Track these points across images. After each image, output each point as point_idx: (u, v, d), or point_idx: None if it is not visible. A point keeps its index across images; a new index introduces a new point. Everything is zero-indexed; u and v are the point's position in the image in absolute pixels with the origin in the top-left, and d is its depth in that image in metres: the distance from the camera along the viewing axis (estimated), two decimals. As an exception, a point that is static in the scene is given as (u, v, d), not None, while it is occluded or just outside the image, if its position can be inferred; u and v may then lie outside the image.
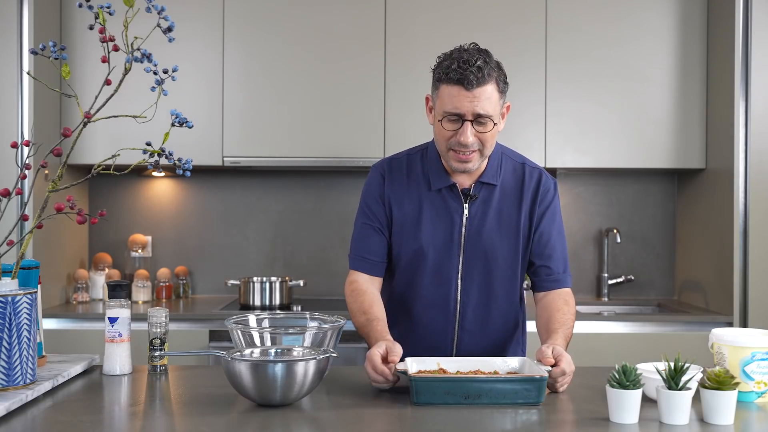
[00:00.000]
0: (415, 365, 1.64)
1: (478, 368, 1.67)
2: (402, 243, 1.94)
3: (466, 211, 1.91)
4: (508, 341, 2.02)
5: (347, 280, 1.99)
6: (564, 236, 2.02)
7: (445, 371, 1.65)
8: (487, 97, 1.77)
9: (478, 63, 1.77)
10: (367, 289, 1.93)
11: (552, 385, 1.64)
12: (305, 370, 1.45)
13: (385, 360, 1.64)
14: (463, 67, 1.76)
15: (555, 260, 1.97)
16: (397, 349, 1.65)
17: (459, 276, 1.92)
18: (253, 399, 1.48)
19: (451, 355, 1.95)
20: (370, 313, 1.85)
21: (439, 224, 1.91)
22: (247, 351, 1.60)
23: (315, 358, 1.47)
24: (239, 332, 1.71)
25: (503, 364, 1.68)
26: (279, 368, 1.44)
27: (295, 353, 1.59)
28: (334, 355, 1.54)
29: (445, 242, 1.91)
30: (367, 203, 1.98)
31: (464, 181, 1.92)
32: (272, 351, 1.60)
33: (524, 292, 2.08)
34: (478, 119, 1.78)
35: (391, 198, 1.95)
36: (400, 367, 1.61)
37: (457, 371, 1.65)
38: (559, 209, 2.00)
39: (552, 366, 1.63)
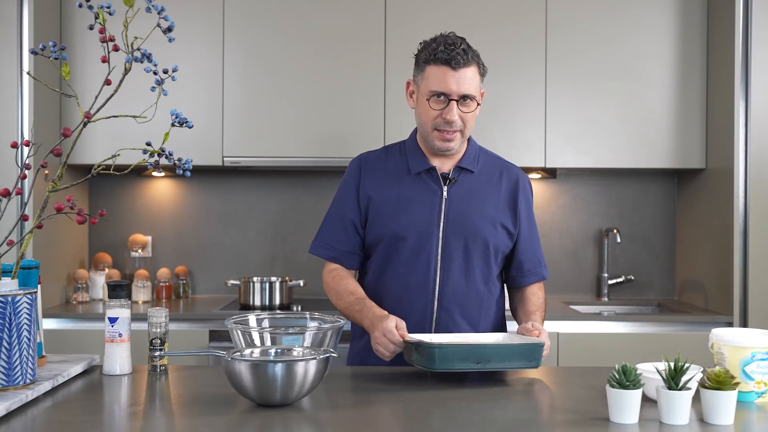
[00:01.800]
0: (422, 339, 1.77)
1: (477, 340, 1.84)
2: (381, 226, 2.00)
3: (445, 193, 1.98)
4: (482, 324, 2.04)
5: (326, 269, 2.07)
6: (538, 234, 2.13)
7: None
8: (470, 78, 1.91)
9: (463, 46, 1.91)
10: (350, 275, 2.05)
11: None
12: (305, 370, 1.45)
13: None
14: (450, 48, 1.89)
15: (537, 256, 2.09)
16: (402, 324, 1.80)
17: (438, 256, 1.96)
18: (253, 399, 1.48)
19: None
20: (357, 293, 1.97)
21: (418, 206, 1.98)
22: (247, 351, 1.60)
23: (315, 358, 1.47)
24: (239, 332, 1.71)
25: (495, 337, 1.88)
26: (279, 368, 1.44)
27: (295, 353, 1.59)
28: (334, 355, 1.54)
29: (425, 223, 1.97)
30: (342, 195, 2.06)
31: (443, 166, 2.01)
32: (272, 351, 1.61)
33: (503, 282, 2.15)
34: (462, 99, 1.90)
35: (368, 187, 2.02)
36: (414, 338, 1.76)
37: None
38: (532, 206, 2.12)
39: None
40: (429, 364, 1.67)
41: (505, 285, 2.14)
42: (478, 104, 1.94)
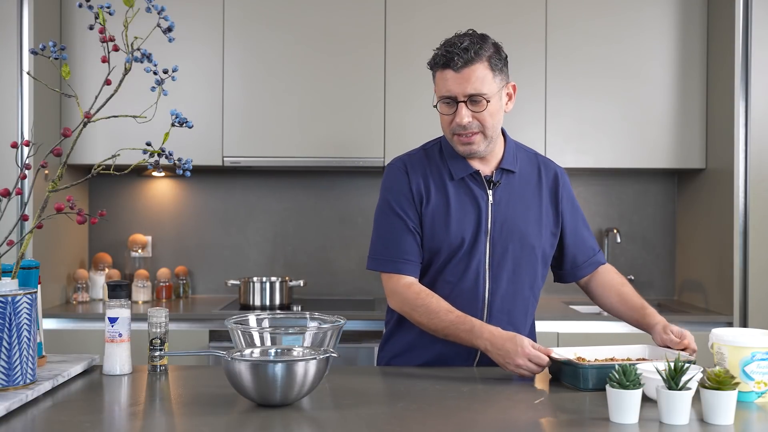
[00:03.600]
0: (557, 356, 1.73)
1: (613, 356, 1.77)
2: (434, 235, 1.91)
3: (490, 198, 1.92)
4: (523, 330, 1.99)
5: (399, 282, 1.90)
6: (585, 220, 2.09)
7: (583, 359, 1.73)
8: (477, 77, 1.81)
9: (464, 44, 1.82)
10: (430, 290, 1.90)
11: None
12: (305, 370, 1.45)
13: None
14: (449, 50, 1.82)
15: (589, 244, 2.06)
16: (532, 342, 1.75)
17: (487, 263, 1.92)
18: (253, 399, 1.48)
19: None
20: (455, 311, 1.83)
21: (466, 212, 1.91)
22: (247, 351, 1.60)
23: (315, 358, 1.47)
24: (239, 332, 1.71)
25: (630, 351, 1.79)
26: (279, 368, 1.44)
27: (295, 353, 1.59)
28: (334, 355, 1.54)
29: (473, 230, 1.91)
30: (397, 202, 1.92)
31: (484, 169, 1.94)
32: (272, 351, 1.60)
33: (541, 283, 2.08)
34: (471, 99, 1.83)
35: (421, 192, 1.92)
36: (558, 355, 1.72)
37: (595, 359, 1.75)
38: (574, 196, 2.08)
39: (682, 349, 1.77)
40: (581, 384, 1.64)
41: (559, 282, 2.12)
42: (489, 101, 1.82)
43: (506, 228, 1.91)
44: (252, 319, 1.83)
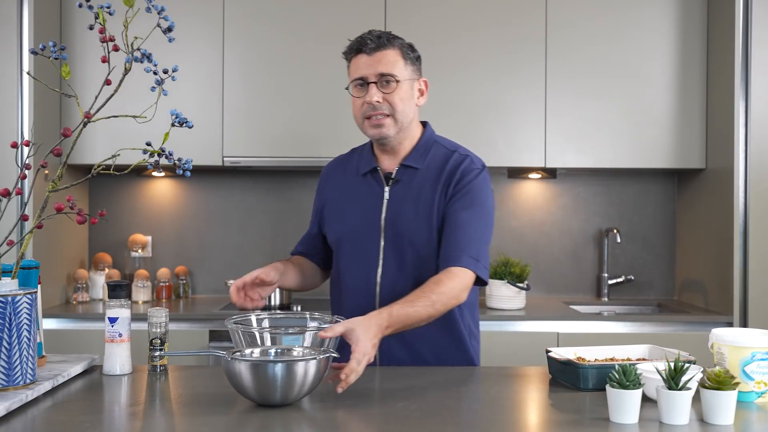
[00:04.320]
0: (557, 356, 1.73)
1: (613, 356, 1.77)
2: (329, 230, 2.03)
3: (386, 194, 1.95)
4: (426, 327, 1.82)
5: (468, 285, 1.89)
6: (481, 222, 1.88)
7: (583, 359, 1.72)
8: (388, 60, 1.89)
9: (377, 33, 1.91)
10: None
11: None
12: (305, 371, 1.45)
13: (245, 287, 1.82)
14: (362, 36, 1.91)
15: (454, 240, 1.84)
16: (268, 275, 1.83)
17: (380, 259, 1.93)
18: (253, 399, 1.48)
19: None
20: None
21: (361, 208, 1.96)
22: (247, 351, 1.60)
23: (315, 358, 1.47)
24: (239, 332, 1.71)
25: (630, 351, 1.78)
26: (279, 368, 1.44)
27: (295, 353, 1.59)
28: (335, 355, 1.54)
29: (366, 226, 1.94)
30: (314, 203, 2.14)
31: (390, 166, 1.97)
32: (272, 351, 1.60)
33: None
34: (381, 80, 1.88)
35: (325, 194, 2.08)
36: (558, 355, 1.71)
37: (595, 359, 1.74)
38: (481, 193, 1.90)
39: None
40: (581, 384, 1.64)
41: None
42: (399, 81, 1.86)
43: (396, 225, 1.92)
44: (252, 319, 1.83)
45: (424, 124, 2.03)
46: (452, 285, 1.78)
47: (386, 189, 1.95)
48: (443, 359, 1.94)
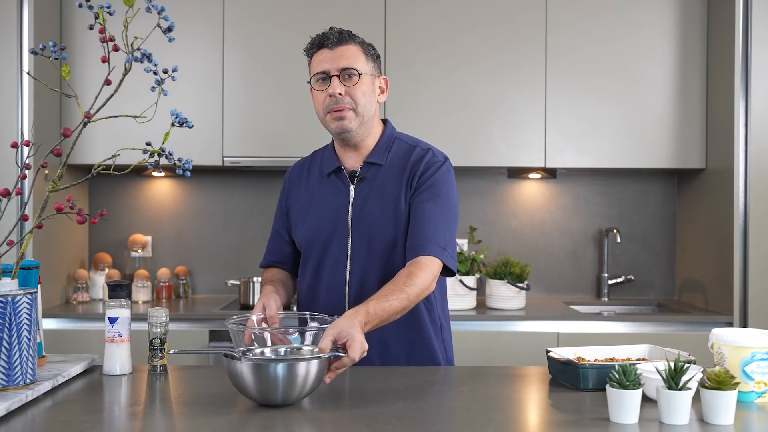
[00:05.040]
0: (557, 355, 1.73)
1: (613, 356, 1.76)
2: (297, 233, 2.02)
3: (352, 193, 1.95)
4: (397, 321, 1.82)
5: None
6: (446, 212, 1.90)
7: (583, 359, 1.72)
8: (349, 54, 1.90)
9: (338, 30, 1.92)
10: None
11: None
12: (306, 371, 1.45)
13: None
14: (324, 33, 1.92)
15: (420, 230, 1.86)
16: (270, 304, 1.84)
17: (348, 257, 1.93)
18: (255, 399, 1.48)
19: None
20: (265, 280, 2.04)
21: (328, 208, 1.96)
22: (258, 350, 1.60)
23: (316, 358, 1.47)
24: (239, 332, 1.71)
25: (630, 351, 1.78)
26: (280, 368, 1.44)
27: (296, 353, 1.59)
28: (336, 354, 1.54)
29: (333, 225, 1.94)
30: (277, 207, 2.12)
31: (354, 164, 1.98)
32: (281, 350, 1.61)
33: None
34: (343, 74, 1.89)
35: (290, 197, 2.06)
36: (558, 355, 1.71)
37: (595, 359, 1.74)
38: (444, 185, 1.91)
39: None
40: (581, 384, 1.63)
41: None
42: (361, 74, 1.88)
43: (363, 222, 1.92)
44: (252, 319, 1.83)
45: (385, 121, 2.03)
46: (423, 275, 1.80)
47: (351, 187, 1.95)
48: (412, 356, 1.93)
